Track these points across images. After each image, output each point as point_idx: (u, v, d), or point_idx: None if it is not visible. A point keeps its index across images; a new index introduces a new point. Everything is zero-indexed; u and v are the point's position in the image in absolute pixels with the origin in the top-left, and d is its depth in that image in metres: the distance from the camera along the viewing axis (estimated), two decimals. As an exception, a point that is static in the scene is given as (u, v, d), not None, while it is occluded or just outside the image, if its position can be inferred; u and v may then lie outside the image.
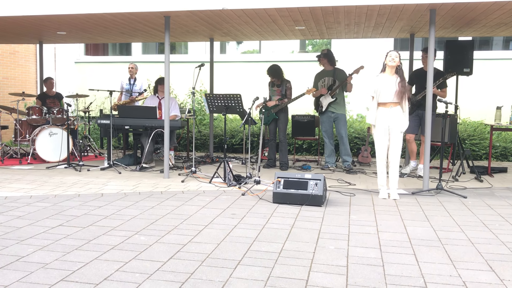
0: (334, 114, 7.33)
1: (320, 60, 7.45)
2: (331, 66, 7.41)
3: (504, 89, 10.52)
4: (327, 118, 7.40)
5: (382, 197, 5.41)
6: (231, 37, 8.57)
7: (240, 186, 5.93)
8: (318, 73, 7.56)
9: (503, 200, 5.35)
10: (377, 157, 5.44)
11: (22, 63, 11.80)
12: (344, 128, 7.32)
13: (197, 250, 3.47)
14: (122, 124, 7.26)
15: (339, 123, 7.33)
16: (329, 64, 7.40)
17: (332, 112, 7.33)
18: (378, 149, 5.44)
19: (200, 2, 5.77)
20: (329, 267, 3.15)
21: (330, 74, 7.39)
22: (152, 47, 13.58)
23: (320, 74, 7.53)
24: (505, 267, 3.20)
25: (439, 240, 3.79)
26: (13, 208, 4.73)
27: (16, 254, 3.34)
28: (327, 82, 7.40)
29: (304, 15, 6.31)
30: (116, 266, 3.13)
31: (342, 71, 7.38)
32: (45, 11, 6.19)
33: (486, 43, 11.88)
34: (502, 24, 6.72)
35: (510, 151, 8.73)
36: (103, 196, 5.34)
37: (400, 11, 5.91)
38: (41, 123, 8.12)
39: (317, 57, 7.49)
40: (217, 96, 6.34)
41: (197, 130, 9.89)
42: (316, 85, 7.49)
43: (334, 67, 7.44)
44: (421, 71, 6.84)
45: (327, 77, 7.41)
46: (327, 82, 7.40)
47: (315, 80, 7.55)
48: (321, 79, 7.47)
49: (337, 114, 7.31)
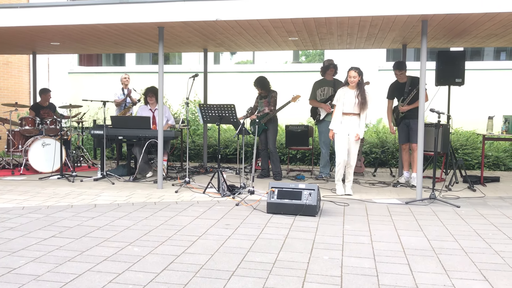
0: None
1: (329, 69, 7.39)
2: (332, 77, 7.43)
3: (496, 99, 10.62)
4: (326, 128, 7.36)
5: (339, 194, 6.17)
6: (225, 48, 8.60)
7: (234, 196, 5.92)
8: (318, 81, 7.56)
9: (496, 210, 5.37)
10: (337, 159, 6.17)
11: (15, 74, 11.77)
12: None
13: (191, 261, 3.45)
14: (116, 135, 7.25)
15: None
16: (332, 75, 7.42)
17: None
18: (338, 152, 6.16)
19: (194, 13, 5.79)
20: (323, 277, 3.15)
21: (330, 84, 7.40)
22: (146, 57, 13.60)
23: (320, 82, 7.52)
24: (498, 276, 3.21)
25: (432, 250, 3.80)
26: (5, 219, 4.69)
27: (8, 266, 3.30)
28: (326, 92, 7.40)
29: (297, 26, 6.36)
30: (109, 277, 3.10)
31: (341, 83, 7.36)
32: (39, 21, 6.19)
33: (478, 53, 12.01)
34: (493, 35, 6.80)
35: (502, 161, 8.79)
36: (96, 207, 5.31)
37: (393, 22, 5.97)
38: (34, 134, 8.09)
39: (328, 66, 7.40)
40: (211, 106, 6.35)
41: (191, 140, 9.89)
42: (315, 93, 7.50)
43: (333, 77, 7.46)
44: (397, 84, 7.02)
45: (326, 87, 7.41)
46: (326, 92, 7.40)
47: (314, 88, 7.54)
48: (320, 87, 7.47)
49: None
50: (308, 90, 7.63)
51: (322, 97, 7.44)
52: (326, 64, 7.51)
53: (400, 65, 6.93)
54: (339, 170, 6.22)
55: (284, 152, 9.26)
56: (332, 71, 7.42)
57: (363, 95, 6.03)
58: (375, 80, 7.19)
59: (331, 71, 7.42)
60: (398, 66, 6.94)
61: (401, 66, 6.92)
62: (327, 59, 7.59)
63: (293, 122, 9.50)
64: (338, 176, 6.26)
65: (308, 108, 7.71)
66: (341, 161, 6.15)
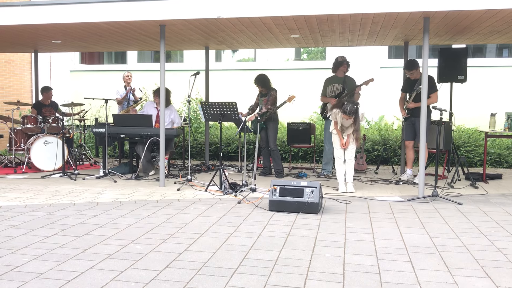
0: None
1: (342, 65, 7.33)
2: (344, 74, 7.39)
3: (498, 96, 10.59)
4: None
5: (341, 191, 6.18)
6: (227, 46, 8.59)
7: (236, 194, 5.92)
8: (329, 78, 7.52)
9: (498, 207, 5.36)
10: (336, 158, 6.31)
11: (17, 72, 11.78)
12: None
13: (193, 259, 3.46)
14: (118, 133, 7.25)
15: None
16: (344, 72, 7.37)
17: None
18: (337, 151, 6.30)
19: (195, 10, 5.79)
20: (325, 275, 3.15)
21: (340, 81, 7.36)
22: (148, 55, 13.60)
23: (330, 79, 7.49)
24: (501, 273, 3.20)
25: (435, 247, 3.80)
26: (7, 217, 4.70)
27: (11, 264, 3.31)
28: (336, 88, 7.37)
29: (298, 24, 6.35)
30: (111, 275, 3.11)
31: (352, 80, 7.33)
32: (40, 20, 6.19)
33: (480, 50, 11.97)
34: (495, 32, 6.77)
35: (504, 158, 8.77)
36: (99, 205, 5.31)
37: (394, 19, 5.96)
38: (36, 132, 8.10)
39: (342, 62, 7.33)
40: (212, 104, 6.35)
41: (193, 138, 9.89)
42: (325, 90, 7.47)
43: (344, 74, 7.43)
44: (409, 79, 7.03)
45: (336, 84, 7.37)
46: (336, 88, 7.37)
47: (325, 85, 7.51)
48: (330, 84, 7.43)
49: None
50: (309, 87, 7.64)
51: (331, 94, 7.38)
52: (339, 60, 7.38)
53: (409, 65, 6.87)
54: (338, 166, 6.30)
55: (286, 150, 9.25)
56: (344, 68, 7.34)
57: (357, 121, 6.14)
58: (377, 78, 7.17)
59: (344, 68, 7.34)
60: (406, 66, 6.96)
61: (409, 67, 6.85)
62: (340, 55, 7.49)
63: (295, 119, 9.49)
64: (339, 173, 6.31)
65: (310, 106, 7.71)
66: (339, 160, 6.27)
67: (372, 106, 10.15)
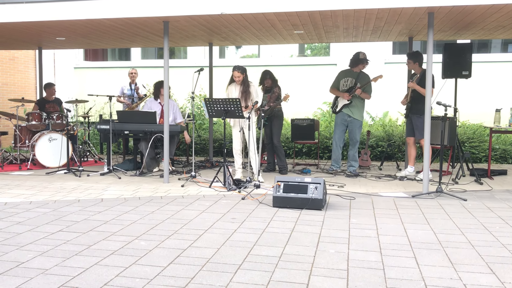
0: (350, 118, 7.26)
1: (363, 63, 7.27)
2: (359, 69, 7.33)
3: (503, 91, 10.54)
4: (341, 121, 7.32)
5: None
6: (230, 42, 8.58)
7: (240, 190, 5.93)
8: (344, 71, 7.46)
9: (503, 203, 5.35)
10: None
11: (22, 69, 11.82)
12: (358, 134, 7.24)
13: (197, 255, 3.46)
14: (122, 129, 7.27)
15: (353, 128, 7.23)
16: (361, 69, 7.30)
17: (349, 116, 7.25)
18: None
19: (199, 7, 5.78)
20: (329, 271, 3.15)
21: (354, 75, 7.29)
22: (151, 52, 13.61)
23: (345, 72, 7.42)
24: (505, 269, 3.19)
25: (439, 243, 3.79)
26: (13, 214, 4.73)
27: (16, 260, 3.33)
28: (349, 82, 7.32)
29: (302, 20, 6.33)
30: (116, 271, 3.12)
31: (367, 76, 7.25)
32: (45, 17, 6.20)
33: (485, 46, 11.91)
34: (500, 27, 6.73)
35: (509, 154, 8.74)
36: (103, 202, 5.33)
37: (399, 14, 5.93)
38: (40, 129, 8.13)
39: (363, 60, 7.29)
40: (216, 100, 6.34)
41: (197, 134, 9.89)
42: (338, 82, 7.42)
43: (360, 70, 7.35)
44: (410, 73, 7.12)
45: (350, 78, 7.31)
46: (349, 82, 7.32)
47: (338, 77, 7.46)
48: (343, 78, 7.38)
49: (353, 118, 7.23)
50: (313, 83, 7.61)
51: (344, 87, 7.33)
52: (361, 57, 7.26)
53: (408, 54, 6.95)
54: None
55: (290, 146, 9.24)
56: (363, 66, 7.28)
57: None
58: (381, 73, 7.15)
59: (363, 66, 7.28)
60: (407, 54, 6.99)
61: (408, 55, 6.92)
62: (362, 51, 7.39)
63: (298, 116, 9.48)
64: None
65: (314, 102, 7.68)
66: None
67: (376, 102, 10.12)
